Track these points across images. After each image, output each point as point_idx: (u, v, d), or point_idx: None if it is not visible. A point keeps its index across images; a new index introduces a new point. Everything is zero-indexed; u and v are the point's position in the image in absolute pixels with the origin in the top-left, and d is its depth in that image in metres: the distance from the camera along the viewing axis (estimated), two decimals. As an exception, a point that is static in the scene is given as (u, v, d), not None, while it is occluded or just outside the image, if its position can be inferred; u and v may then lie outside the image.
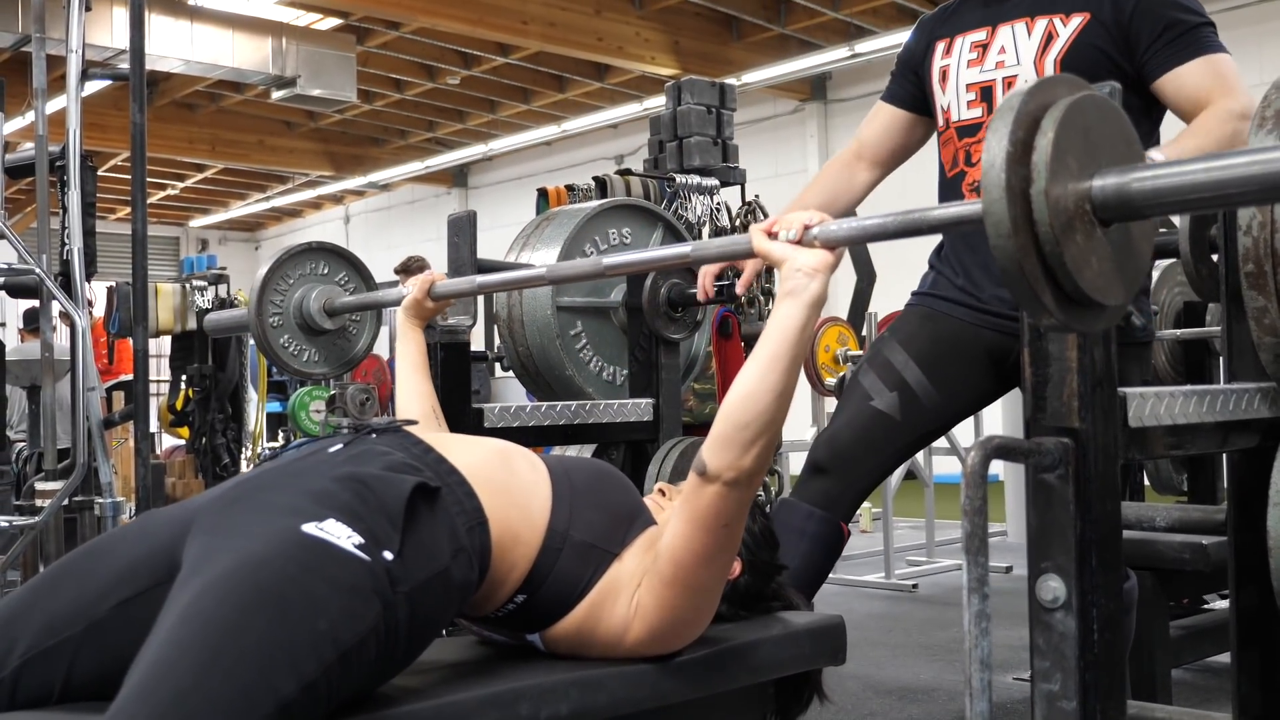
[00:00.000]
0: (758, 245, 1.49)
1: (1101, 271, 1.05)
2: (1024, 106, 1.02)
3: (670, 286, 2.96)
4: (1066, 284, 1.03)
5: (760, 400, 1.46)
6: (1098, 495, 1.34)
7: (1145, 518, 2.70)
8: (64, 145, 3.59)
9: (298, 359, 2.67)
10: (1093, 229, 1.05)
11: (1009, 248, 0.99)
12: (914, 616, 4.55)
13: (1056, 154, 1.01)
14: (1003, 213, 0.99)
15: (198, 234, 20.68)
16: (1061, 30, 2.15)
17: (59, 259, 3.75)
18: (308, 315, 2.66)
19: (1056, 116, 1.02)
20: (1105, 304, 1.06)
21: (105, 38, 8.77)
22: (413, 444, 1.58)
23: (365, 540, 1.36)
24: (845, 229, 1.45)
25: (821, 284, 1.46)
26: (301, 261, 2.68)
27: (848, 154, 2.50)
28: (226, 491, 1.49)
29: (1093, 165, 1.05)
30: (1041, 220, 1.00)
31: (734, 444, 1.47)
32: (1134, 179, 1.04)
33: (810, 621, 1.84)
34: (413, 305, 2.20)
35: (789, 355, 1.46)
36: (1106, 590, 1.34)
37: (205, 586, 1.27)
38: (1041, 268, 1.01)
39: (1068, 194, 1.02)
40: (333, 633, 1.27)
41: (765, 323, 1.51)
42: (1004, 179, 1.00)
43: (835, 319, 7.24)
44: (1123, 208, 1.05)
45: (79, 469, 3.48)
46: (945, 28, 2.33)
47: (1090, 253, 1.04)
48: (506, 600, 1.56)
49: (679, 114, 6.12)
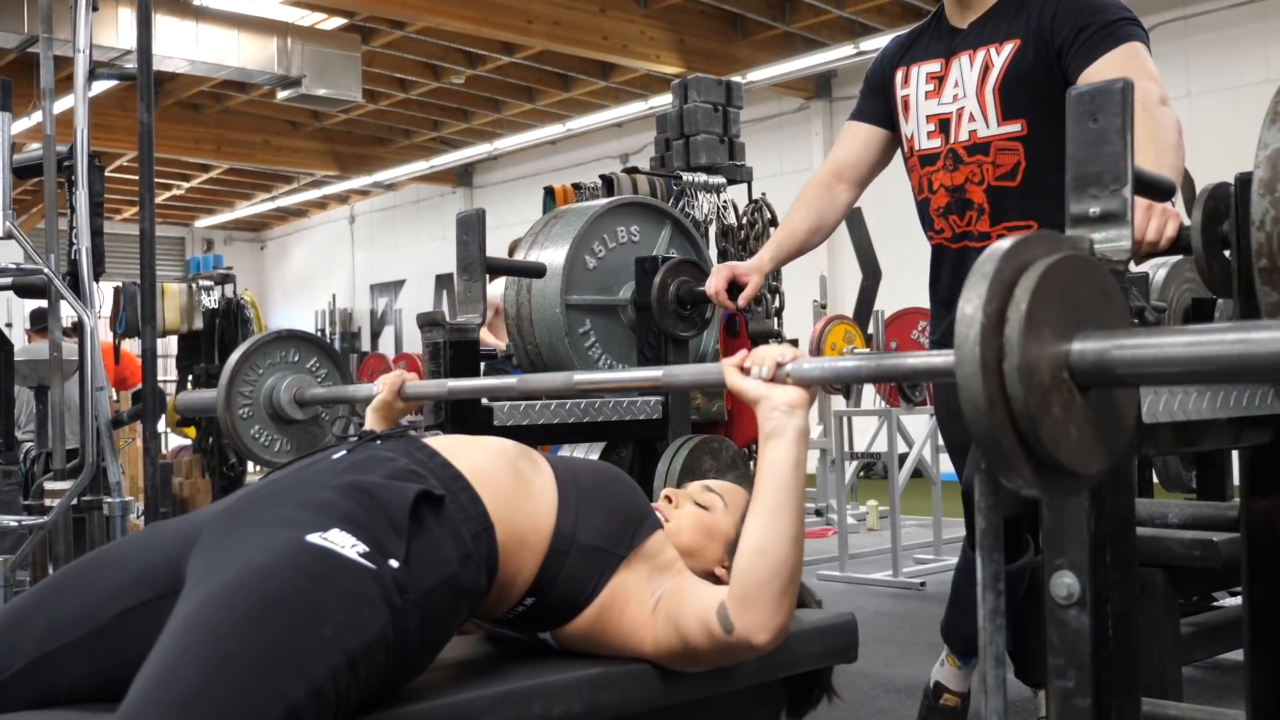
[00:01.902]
0: (731, 381, 1.49)
1: (1081, 441, 1.02)
2: (998, 273, 0.98)
3: (680, 284, 2.96)
4: (1045, 458, 0.99)
5: (776, 553, 1.45)
6: (1111, 491, 1.34)
7: (1157, 514, 2.69)
8: (71, 145, 3.59)
9: (269, 450, 2.64)
10: (1071, 397, 1.01)
11: (985, 424, 0.96)
12: (921, 614, 4.54)
13: (1030, 326, 0.97)
14: (977, 389, 0.95)
15: (203, 234, 20.71)
16: (996, 60, 2.26)
17: (67, 259, 3.76)
18: (278, 405, 2.63)
19: (1030, 283, 0.98)
20: (1083, 474, 1.03)
21: (111, 38, 8.79)
22: (418, 449, 1.58)
23: (370, 549, 1.36)
24: (818, 370, 1.44)
25: (802, 419, 1.46)
26: (272, 350, 2.65)
27: (826, 175, 2.58)
28: (231, 505, 1.50)
29: (1071, 328, 1.02)
30: (1016, 396, 0.96)
31: (760, 602, 1.46)
32: (1114, 345, 1.00)
33: (821, 619, 1.84)
34: (382, 406, 2.17)
35: (791, 497, 1.46)
36: (1121, 586, 1.34)
37: (211, 595, 1.27)
38: (1018, 441, 0.98)
39: (1043, 364, 0.98)
40: (339, 639, 1.27)
41: (770, 321, 1.50)
42: (978, 354, 0.95)
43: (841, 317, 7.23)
44: (1102, 375, 1.01)
45: (88, 469, 3.48)
46: (903, 57, 2.44)
47: (1068, 423, 1.00)
48: (516, 603, 1.56)
49: (685, 112, 6.12)
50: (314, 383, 2.68)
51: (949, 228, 2.33)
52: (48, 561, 3.60)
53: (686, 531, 1.70)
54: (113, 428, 3.63)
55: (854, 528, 6.93)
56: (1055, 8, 2.19)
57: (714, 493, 1.75)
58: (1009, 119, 2.23)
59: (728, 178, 6.01)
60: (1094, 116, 1.39)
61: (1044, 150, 2.18)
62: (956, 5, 2.33)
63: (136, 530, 3.90)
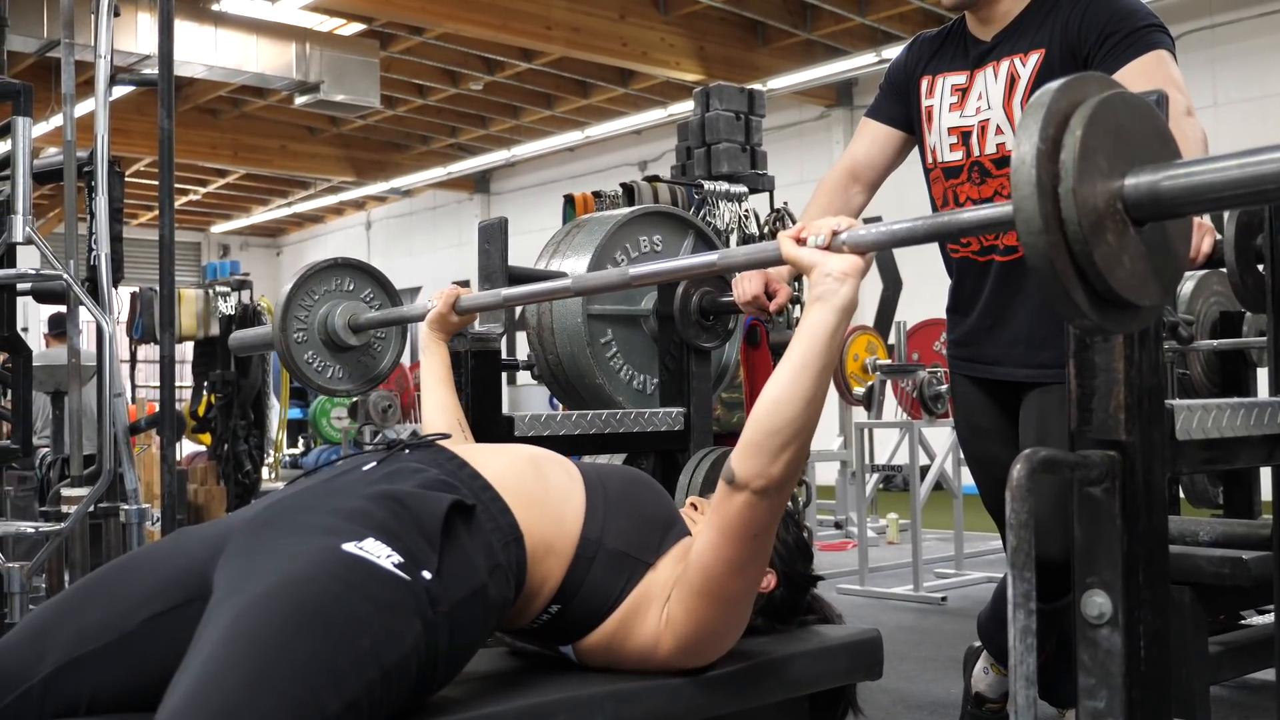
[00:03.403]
0: (786, 251, 1.49)
1: (1135, 271, 1.04)
2: (1054, 104, 1.01)
3: (702, 295, 2.96)
4: (1098, 284, 1.02)
5: (790, 407, 1.45)
6: (1144, 509, 1.33)
7: (1188, 532, 2.68)
8: (92, 151, 3.61)
9: (322, 375, 2.69)
10: (1125, 228, 1.04)
11: (1039, 245, 0.99)
12: (943, 630, 4.52)
13: (1085, 152, 1.00)
14: (1033, 209, 0.98)
15: (219, 239, 20.82)
16: (1022, 71, 2.24)
17: (86, 265, 3.78)
18: (333, 331, 2.67)
19: (1085, 114, 1.01)
20: (1139, 304, 1.05)
21: (130, 43, 8.85)
22: (447, 459, 1.58)
23: (404, 560, 1.36)
24: (874, 233, 1.45)
25: (852, 289, 1.45)
26: (326, 277, 2.69)
27: (841, 175, 2.56)
28: (260, 513, 1.50)
29: (1125, 164, 1.05)
30: (1070, 219, 0.99)
31: (763, 451, 1.46)
32: (1166, 176, 1.03)
33: (846, 635, 1.84)
34: (437, 320, 2.21)
35: (820, 361, 1.45)
36: (1153, 606, 1.33)
37: (249, 604, 1.27)
38: (1073, 266, 1.01)
39: (1097, 193, 1.01)
40: (375, 651, 1.27)
41: (794, 330, 1.50)
42: (1034, 175, 0.98)
43: (864, 327, 7.23)
44: (1155, 206, 1.04)
45: (105, 475, 3.50)
46: (928, 65, 2.42)
47: (1122, 252, 1.03)
48: (541, 611, 1.56)
49: (707, 120, 6.13)
50: (367, 310, 2.72)
51: (976, 241, 2.32)
52: (64, 568, 3.62)
53: None
54: (130, 434, 3.65)
55: (874, 541, 6.91)
56: (1081, 16, 2.18)
57: None
58: None
59: (749, 186, 6.02)
60: (1127, 129, 1.39)
61: None
62: (978, 21, 2.32)
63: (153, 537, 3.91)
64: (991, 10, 2.28)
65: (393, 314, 2.66)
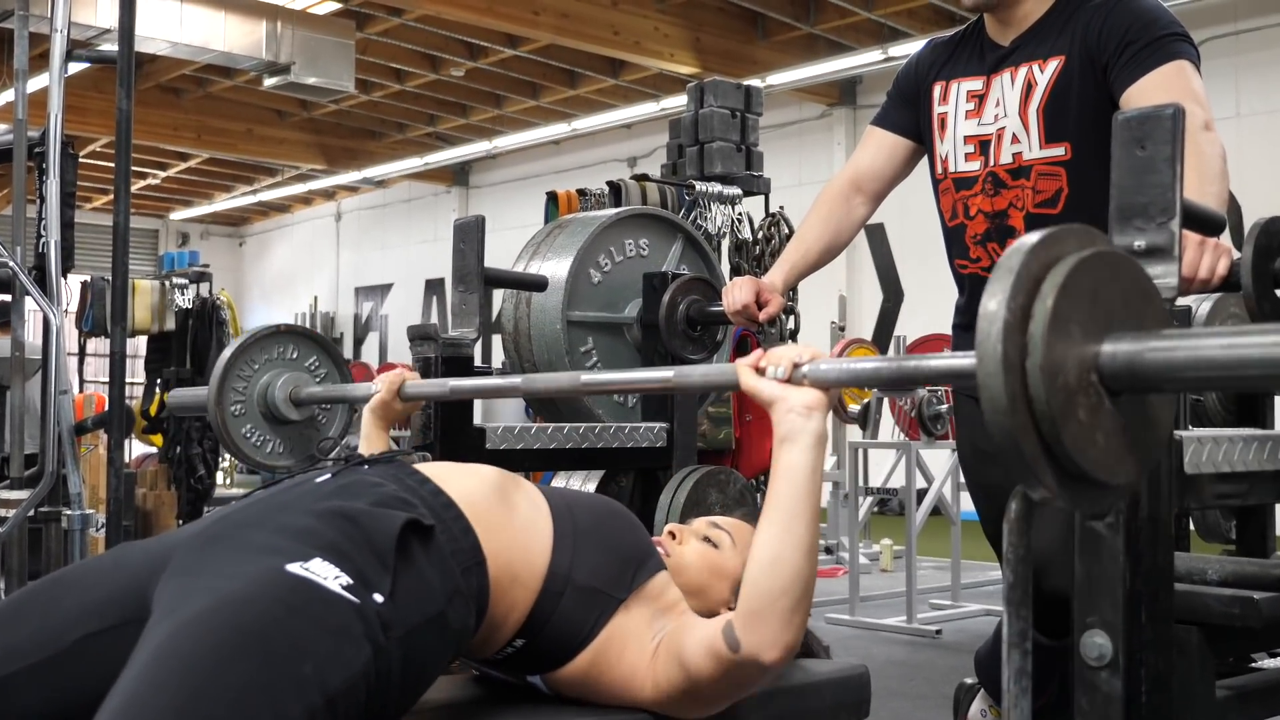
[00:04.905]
0: (745, 382, 1.48)
1: (1108, 449, 1.01)
2: (1024, 268, 0.98)
3: (690, 303, 2.96)
4: (1068, 465, 0.99)
5: (789, 564, 1.44)
6: (1149, 546, 1.34)
7: (1195, 570, 2.69)
8: (44, 130, 3.61)
9: (260, 450, 2.65)
10: (1100, 401, 1.01)
11: (1005, 425, 0.96)
12: (937, 665, 4.53)
13: (1056, 323, 0.97)
14: (998, 388, 0.95)
15: (178, 227, 20.76)
16: (1039, 78, 2.25)
17: (34, 251, 3.77)
18: (272, 404, 2.63)
19: (1058, 280, 0.98)
20: (1111, 483, 1.02)
21: (89, 15, 8.81)
22: (407, 475, 1.58)
23: (353, 581, 1.36)
24: (836, 371, 1.44)
25: (819, 423, 1.45)
26: (268, 345, 2.66)
27: (843, 185, 2.56)
28: (205, 529, 1.49)
29: (1102, 329, 1.01)
30: (1038, 398, 0.96)
31: (771, 618, 1.45)
32: (1147, 349, 0.99)
33: (832, 671, 1.84)
34: (380, 406, 2.18)
35: (807, 505, 1.45)
36: (1157, 648, 1.34)
37: (184, 625, 1.27)
38: (1041, 446, 0.98)
39: (1069, 366, 0.98)
40: (319, 677, 1.27)
41: (785, 343, 1.50)
42: (1000, 351, 0.95)
43: (860, 340, 7.25)
44: (1134, 380, 1.01)
45: (47, 477, 3.49)
46: (942, 70, 2.42)
47: (1095, 429, 1.00)
48: (505, 644, 1.56)
49: (701, 117, 6.14)
50: (311, 382, 2.69)
51: (987, 256, 2.32)
52: (1, 576, 3.60)
53: (691, 569, 1.69)
54: (75, 433, 3.64)
55: (866, 568, 6.92)
56: (1103, 22, 2.19)
57: (722, 529, 1.75)
58: (1052, 142, 2.23)
59: (744, 188, 6.04)
60: (1141, 143, 1.40)
61: (1088, 176, 2.18)
62: (997, 23, 2.32)
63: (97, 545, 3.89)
64: (1012, 12, 2.29)
65: (335, 391, 2.62)
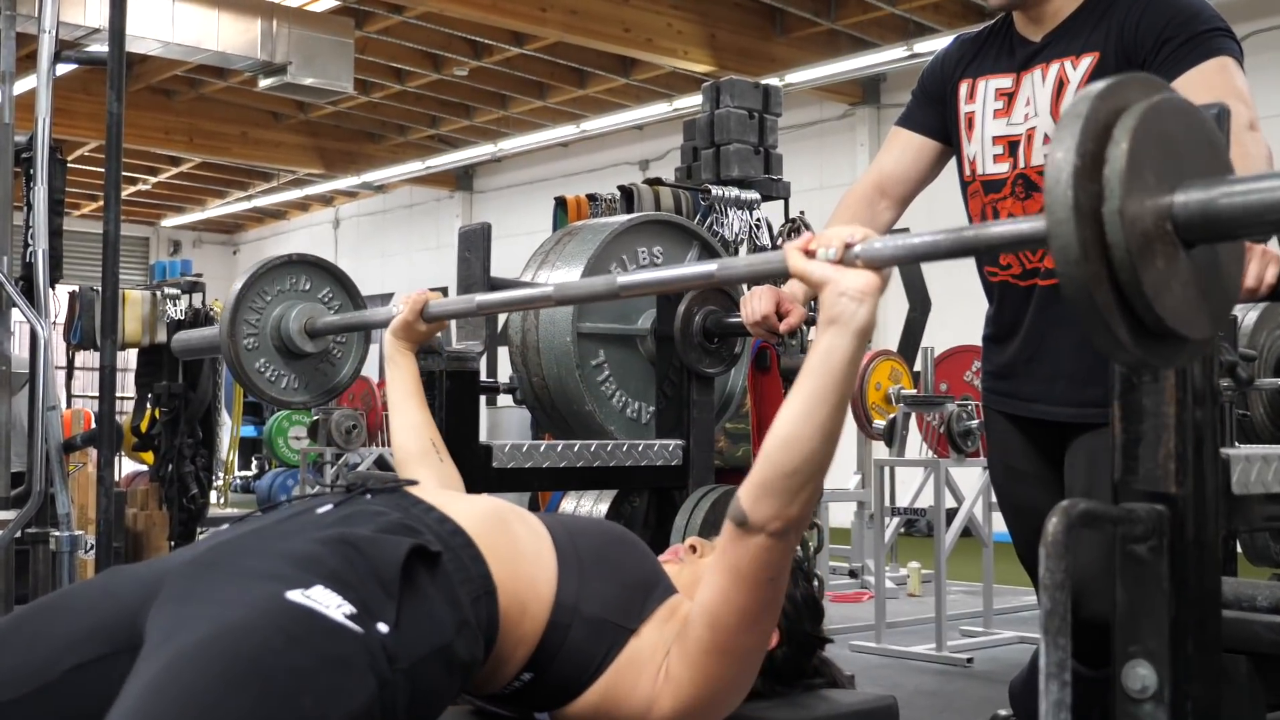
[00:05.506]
0: (794, 265, 1.47)
1: (1184, 299, 1.03)
2: (1094, 112, 0.99)
3: (706, 314, 2.96)
4: (1146, 315, 1.00)
5: (806, 443, 1.45)
6: (1195, 571, 1.33)
7: (1244, 596, 2.67)
8: (31, 135, 3.62)
9: (275, 385, 2.66)
10: (1175, 251, 1.02)
11: (1078, 275, 0.97)
12: (968, 695, 4.52)
13: (1132, 167, 0.98)
14: (1070, 235, 0.96)
15: (170, 235, 20.83)
16: (1072, 75, 2.25)
17: (21, 260, 3.78)
18: (286, 336, 2.64)
19: (1131, 124, 0.99)
20: (1187, 336, 1.04)
21: (77, 15, 8.86)
22: (412, 503, 1.58)
23: (357, 610, 1.36)
24: (892, 247, 1.43)
25: (869, 310, 1.44)
26: (281, 276, 2.67)
27: (868, 188, 2.56)
28: (200, 554, 1.50)
29: (1174, 179, 1.03)
30: (1116, 243, 0.97)
31: (779, 492, 1.46)
32: (1221, 194, 1.02)
33: (859, 702, 1.84)
34: (403, 328, 2.19)
35: (836, 391, 1.45)
36: (1204, 679, 1.33)
37: (180, 655, 1.27)
38: (1116, 297, 0.99)
39: (1145, 212, 0.99)
40: (321, 711, 1.27)
41: (806, 355, 1.50)
42: (1071, 197, 0.96)
43: (886, 352, 7.23)
44: (1208, 227, 1.03)
45: (34, 497, 3.50)
46: (969, 67, 2.42)
47: (1171, 278, 1.01)
48: (512, 678, 1.56)
49: (717, 118, 6.14)
50: (326, 313, 2.69)
51: (1018, 263, 2.32)
52: (-15, 601, 3.61)
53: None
54: (64, 451, 3.65)
55: (893, 593, 6.90)
56: (1140, 17, 2.19)
57: None
58: None
59: (762, 192, 6.03)
60: (1184, 146, 1.40)
61: None
62: (1027, 20, 2.32)
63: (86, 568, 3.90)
64: (1042, 9, 2.29)
65: (353, 318, 2.64)
